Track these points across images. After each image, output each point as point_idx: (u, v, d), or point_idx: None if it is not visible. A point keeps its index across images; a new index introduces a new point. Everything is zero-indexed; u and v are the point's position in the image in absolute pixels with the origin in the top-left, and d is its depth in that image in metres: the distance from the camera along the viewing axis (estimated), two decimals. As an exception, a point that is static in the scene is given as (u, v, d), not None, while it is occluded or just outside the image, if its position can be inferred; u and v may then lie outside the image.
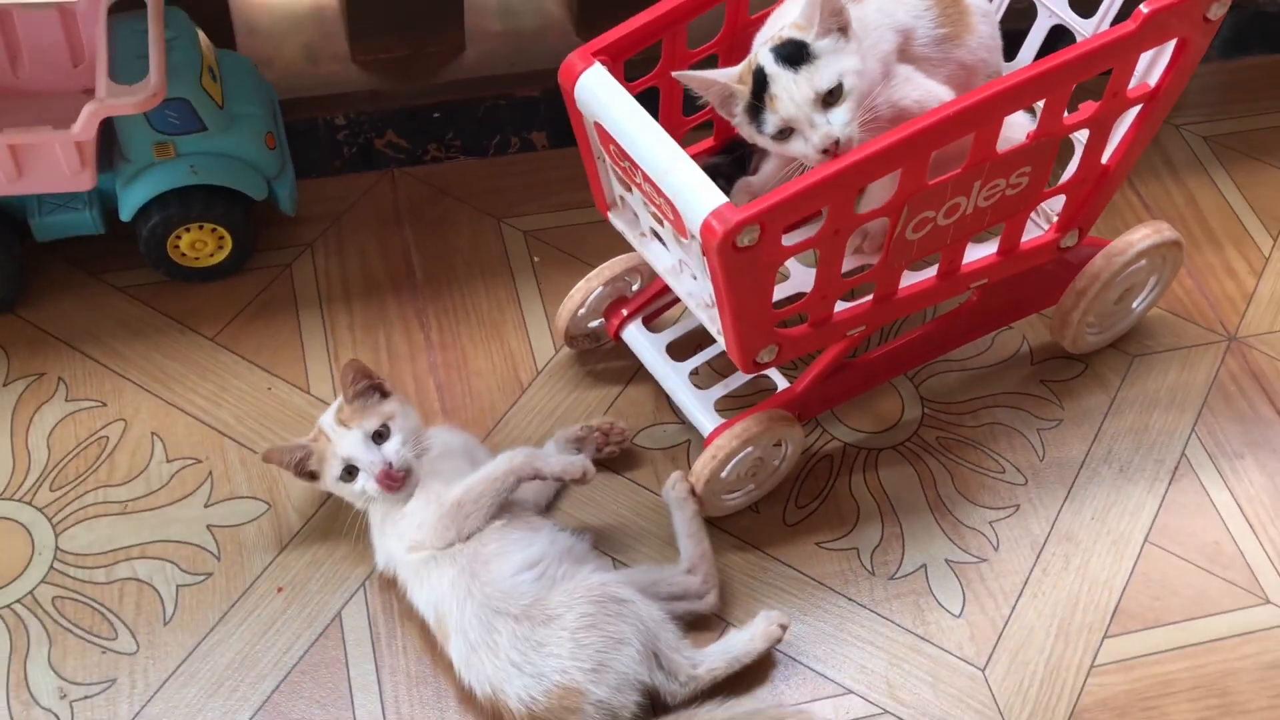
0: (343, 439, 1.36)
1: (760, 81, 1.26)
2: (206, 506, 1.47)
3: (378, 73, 1.87)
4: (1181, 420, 1.61)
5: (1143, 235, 1.55)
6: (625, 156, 1.26)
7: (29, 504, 1.46)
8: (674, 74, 1.32)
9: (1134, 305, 1.65)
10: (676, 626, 1.35)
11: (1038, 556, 1.49)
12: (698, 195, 1.19)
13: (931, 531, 1.50)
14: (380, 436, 1.36)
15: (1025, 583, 1.47)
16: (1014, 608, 1.45)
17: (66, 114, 1.48)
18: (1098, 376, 1.65)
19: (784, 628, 1.38)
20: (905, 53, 1.37)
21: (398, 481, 1.35)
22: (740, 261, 1.20)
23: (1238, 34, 2.06)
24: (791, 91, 1.25)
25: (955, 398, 1.62)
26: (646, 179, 1.24)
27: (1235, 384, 1.65)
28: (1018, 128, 1.37)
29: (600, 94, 1.27)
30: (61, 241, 1.61)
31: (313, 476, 1.39)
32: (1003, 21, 1.51)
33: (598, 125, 1.29)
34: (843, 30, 1.26)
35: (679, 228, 1.24)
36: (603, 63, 1.29)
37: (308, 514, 1.47)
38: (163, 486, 1.48)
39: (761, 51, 1.28)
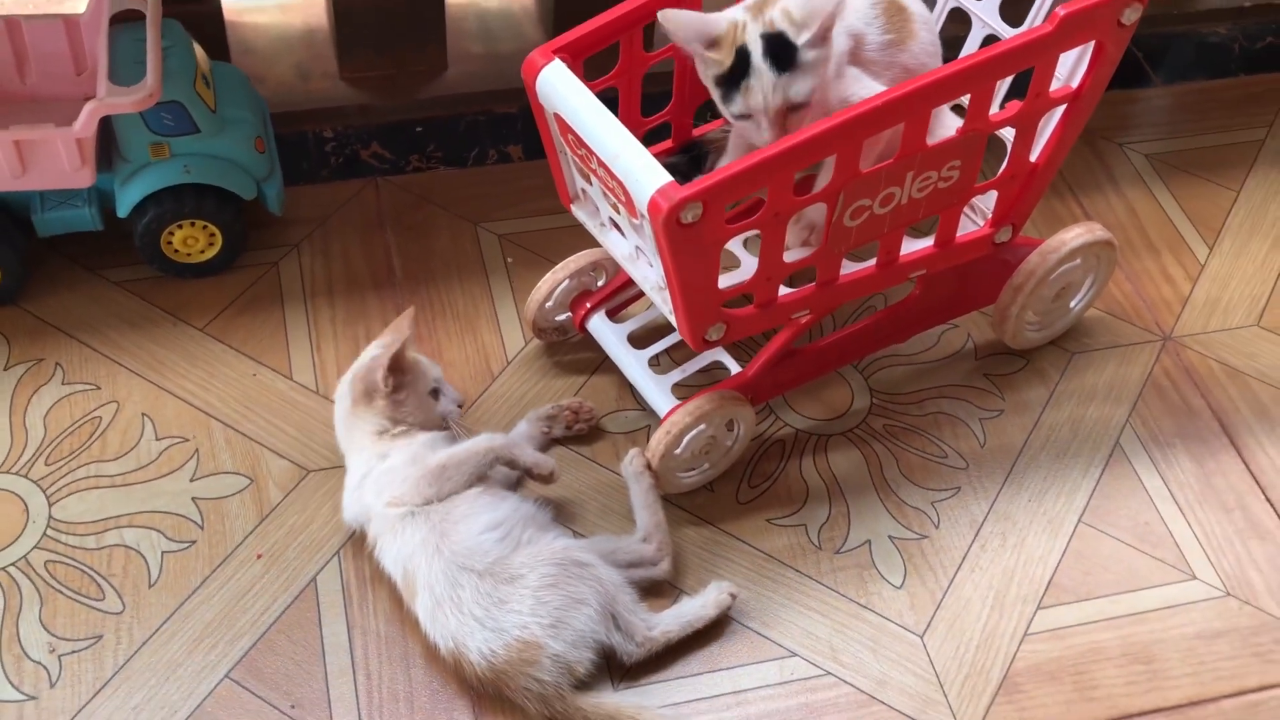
0: (433, 367, 1.52)
1: (742, 62, 1.35)
2: (192, 480, 1.56)
3: (365, 89, 1.99)
4: (1117, 412, 1.70)
5: (1076, 234, 1.64)
6: (582, 144, 1.37)
7: (24, 476, 1.55)
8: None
9: (1072, 304, 1.74)
10: (634, 591, 1.43)
11: (976, 534, 1.58)
12: (646, 175, 1.29)
13: (876, 510, 1.59)
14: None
15: (964, 558, 1.55)
16: (952, 580, 1.53)
17: (69, 118, 1.58)
18: (1038, 371, 1.74)
19: (733, 596, 1.47)
20: (854, 56, 1.47)
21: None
22: (685, 237, 1.30)
23: (1183, 61, 2.18)
24: (767, 92, 1.36)
25: (902, 389, 1.71)
26: (601, 164, 1.35)
27: (1169, 379, 1.74)
28: (951, 126, 1.48)
29: (559, 87, 1.37)
30: (61, 238, 1.72)
31: (399, 389, 1.47)
32: (945, 29, 1.62)
33: (557, 116, 1.39)
34: (825, 38, 1.37)
35: (630, 208, 1.34)
36: (562, 59, 1.39)
37: (287, 488, 1.56)
38: (151, 462, 1.58)
39: (751, 31, 1.36)
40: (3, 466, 1.56)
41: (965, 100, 1.39)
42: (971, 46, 1.62)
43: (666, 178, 1.28)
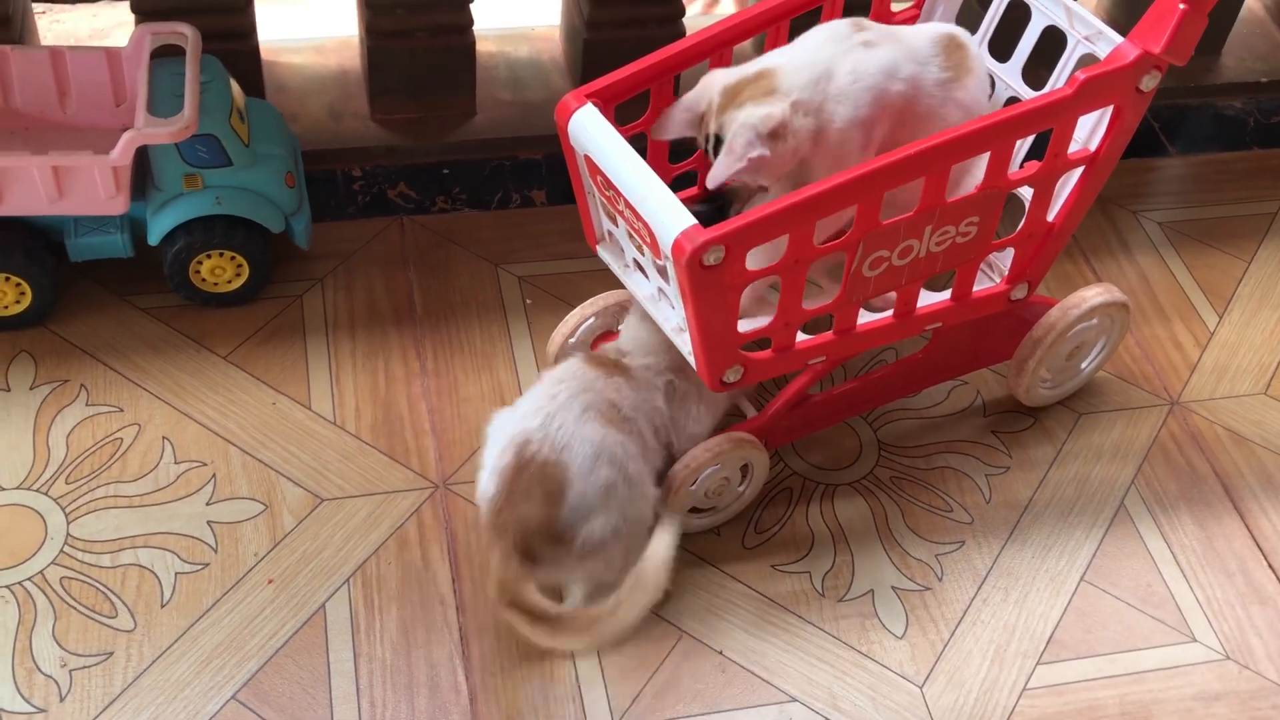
0: None
1: (711, 145, 1.45)
2: (208, 504, 1.59)
3: (394, 131, 2.03)
4: (1122, 473, 1.72)
5: (1096, 293, 1.67)
6: (610, 186, 1.41)
7: (45, 494, 1.58)
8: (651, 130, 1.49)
9: (1083, 365, 1.77)
10: None
11: (979, 588, 1.59)
12: (671, 218, 1.33)
13: (880, 560, 1.61)
14: None
15: (966, 611, 1.57)
16: (953, 633, 1.55)
17: (106, 147, 1.63)
18: (1046, 430, 1.76)
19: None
20: (911, 95, 1.49)
21: None
22: (706, 280, 1.33)
23: (1199, 133, 2.21)
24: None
25: (911, 442, 1.73)
26: (628, 205, 1.38)
27: (1175, 443, 1.76)
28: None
29: (590, 129, 1.42)
30: (92, 263, 1.76)
31: None
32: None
33: (587, 158, 1.43)
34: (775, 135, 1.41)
35: (655, 249, 1.37)
36: (595, 104, 1.44)
37: (301, 516, 1.59)
38: (169, 484, 1.61)
39: (711, 125, 1.44)
40: (24, 483, 1.59)
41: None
42: (994, 107, 1.65)
43: (690, 220, 1.32)
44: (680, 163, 1.61)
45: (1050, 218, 1.55)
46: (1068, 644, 1.55)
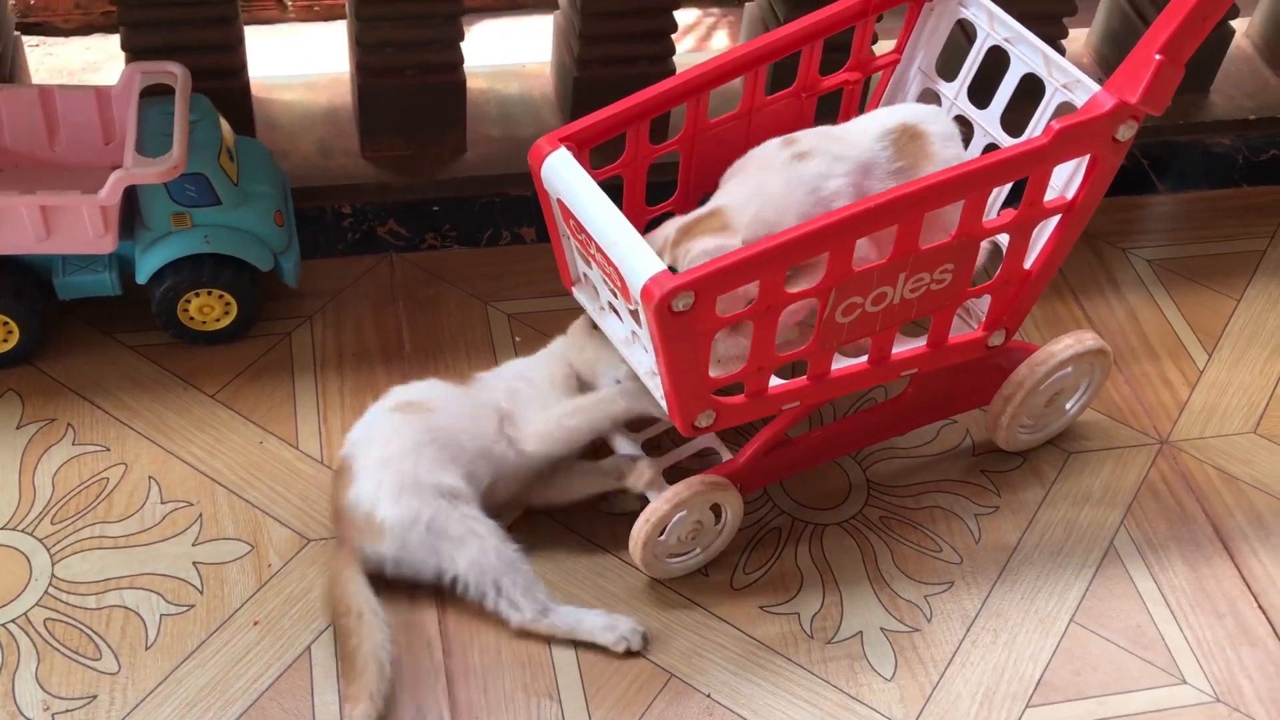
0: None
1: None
2: (194, 545, 1.58)
3: (384, 168, 2.04)
4: (1112, 514, 1.72)
5: (1065, 345, 1.66)
6: (582, 230, 1.41)
7: (30, 534, 1.58)
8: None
9: (1067, 406, 1.76)
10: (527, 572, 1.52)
11: (968, 630, 1.58)
12: (640, 263, 1.33)
13: (869, 602, 1.60)
14: None
15: (955, 653, 1.56)
16: (942, 675, 1.54)
17: (95, 186, 1.63)
18: (1035, 470, 1.76)
19: (644, 641, 1.52)
20: (863, 184, 1.51)
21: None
22: (677, 325, 1.33)
23: (1188, 170, 2.22)
24: None
25: (899, 481, 1.73)
26: (599, 249, 1.38)
27: (1165, 483, 1.76)
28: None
29: (563, 174, 1.42)
30: (79, 301, 1.76)
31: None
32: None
33: (560, 202, 1.43)
34: None
35: (625, 294, 1.37)
36: (569, 148, 1.44)
37: (287, 556, 1.58)
38: (155, 525, 1.60)
39: (665, 257, 1.45)
40: (9, 523, 1.59)
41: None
42: (973, 153, 1.65)
43: (660, 266, 1.32)
44: (658, 204, 1.61)
45: (1027, 265, 1.55)
46: (1057, 686, 1.54)
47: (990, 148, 1.62)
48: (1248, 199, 2.18)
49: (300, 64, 2.21)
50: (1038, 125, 1.57)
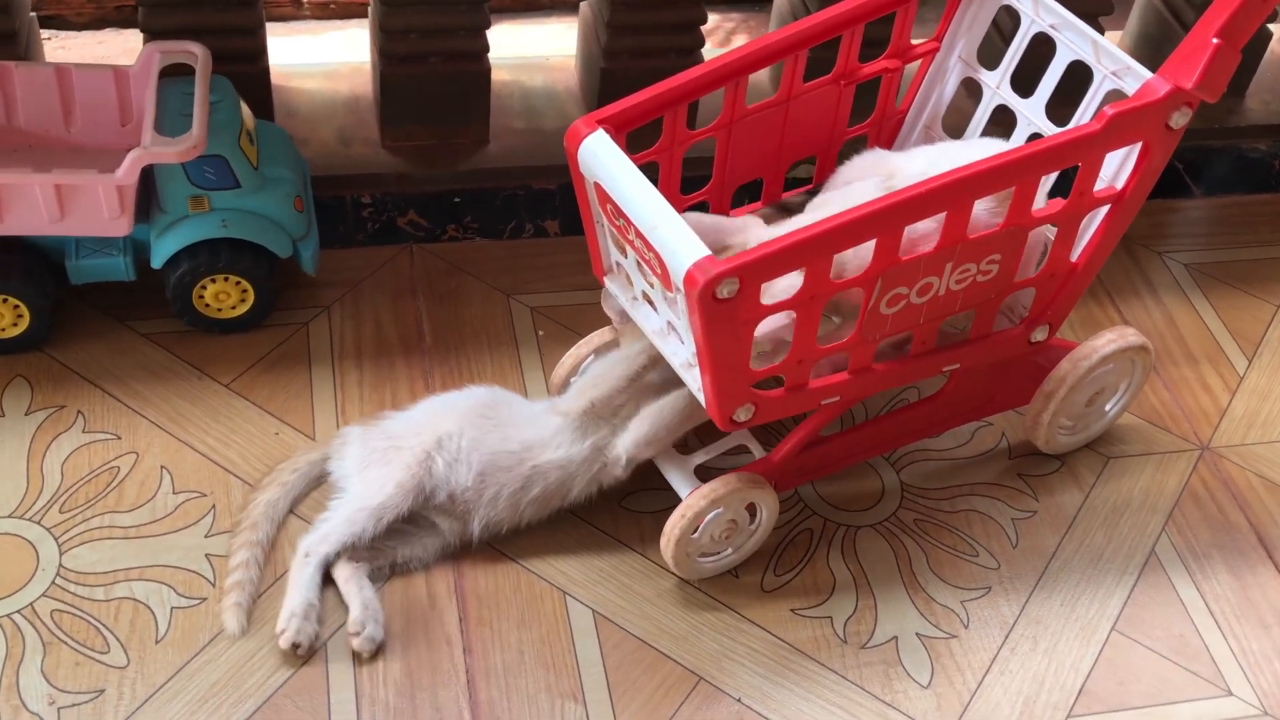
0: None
1: None
2: (207, 537, 1.53)
3: (405, 158, 1.99)
4: (1153, 520, 1.66)
5: (1107, 340, 1.62)
6: (620, 214, 1.36)
7: (37, 523, 1.52)
8: None
9: (1107, 408, 1.71)
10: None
11: (1006, 636, 1.53)
12: (683, 248, 1.28)
13: (904, 606, 1.55)
14: None
15: (993, 660, 1.51)
16: (980, 683, 1.49)
17: (111, 167, 1.58)
18: (1073, 474, 1.71)
19: (372, 645, 1.44)
20: None
21: None
22: (720, 313, 1.28)
23: (1223, 174, 2.17)
24: None
25: (934, 484, 1.68)
26: (638, 234, 1.34)
27: (1206, 490, 1.70)
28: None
29: (601, 156, 1.37)
30: (92, 286, 1.71)
31: None
32: (990, 125, 1.62)
33: (597, 186, 1.38)
34: None
35: (666, 281, 1.32)
36: (606, 130, 1.39)
37: (303, 550, 1.53)
38: (167, 515, 1.55)
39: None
40: (16, 512, 1.53)
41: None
42: (1016, 142, 1.60)
43: (704, 251, 1.27)
44: (692, 194, 1.56)
45: (1073, 257, 1.50)
46: (1099, 696, 1.48)
47: (1035, 138, 1.58)
48: (1283, 205, 2.14)
49: (320, 57, 2.16)
50: (1085, 113, 1.52)
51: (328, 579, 1.47)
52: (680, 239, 1.28)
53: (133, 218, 1.62)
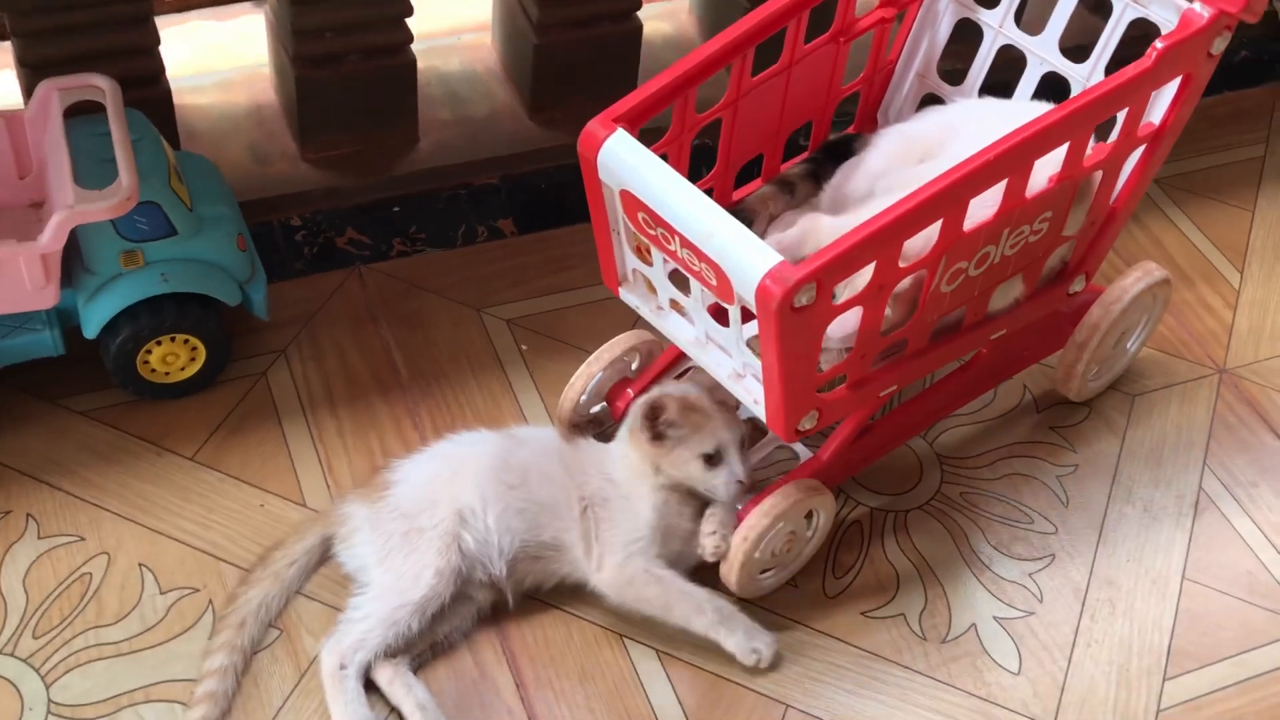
0: (727, 430, 1.33)
1: None
2: (210, 639, 1.35)
3: (330, 170, 1.79)
4: (1191, 456, 1.61)
5: (1135, 279, 1.55)
6: (659, 223, 1.21)
7: (11, 655, 1.32)
8: None
9: (1129, 345, 1.65)
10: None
11: (1083, 604, 1.46)
12: (750, 257, 1.14)
13: (973, 589, 1.46)
14: (743, 445, 1.36)
15: (1076, 632, 1.43)
16: (1070, 659, 1.41)
17: (14, 229, 1.37)
18: (1104, 419, 1.64)
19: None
20: None
21: (739, 499, 1.35)
22: (797, 322, 1.15)
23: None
24: None
25: (970, 451, 1.59)
26: (686, 244, 1.19)
27: (1234, 415, 1.66)
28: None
29: (628, 159, 1.22)
30: (11, 367, 1.48)
31: (659, 438, 1.32)
32: (992, 69, 1.52)
33: (624, 193, 1.23)
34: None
35: (724, 292, 1.19)
36: (625, 130, 1.24)
37: (322, 634, 1.35)
38: (160, 621, 1.36)
39: None
40: (-17, 646, 1.33)
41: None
42: (1027, 86, 1.51)
43: (776, 257, 1.14)
44: (695, 182, 1.42)
45: (1111, 201, 1.42)
46: (1190, 652, 1.42)
47: (1049, 76, 1.48)
48: (1232, 104, 2.09)
49: (187, 61, 1.91)
50: (1108, 45, 1.43)
51: (367, 683, 1.30)
52: (744, 246, 1.15)
53: (59, 286, 1.40)
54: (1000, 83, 1.53)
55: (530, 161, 1.84)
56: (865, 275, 1.20)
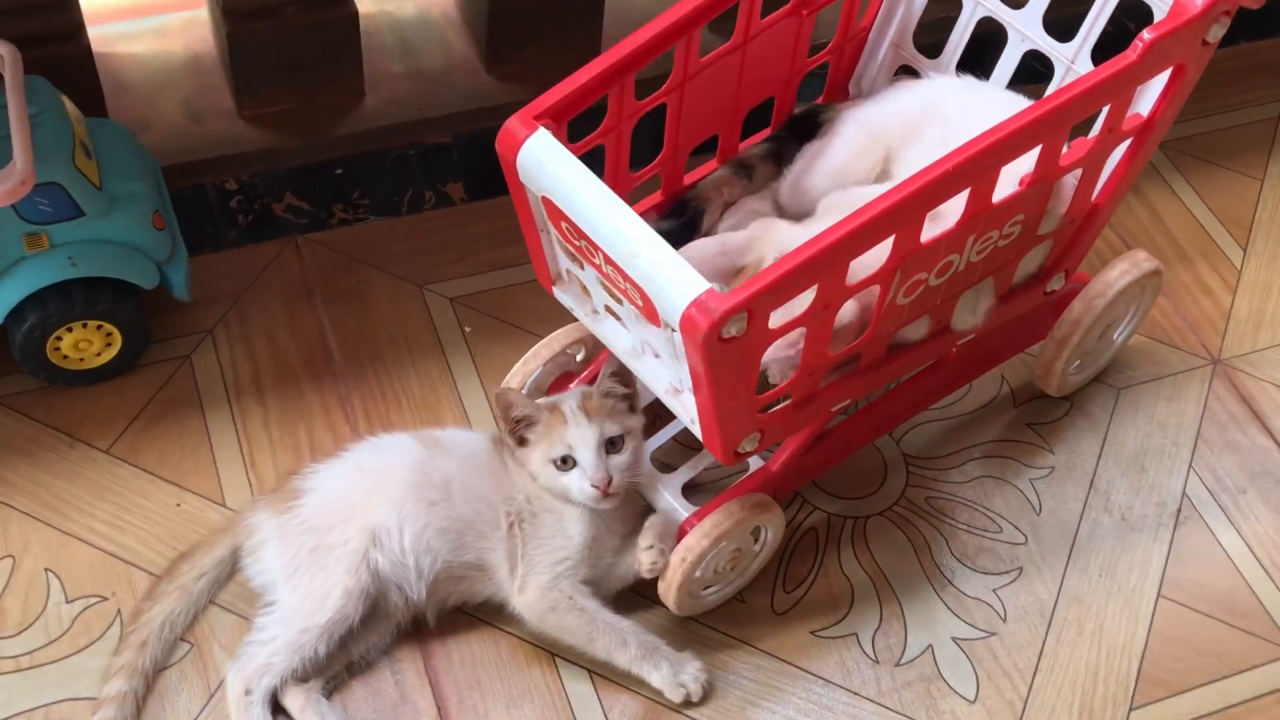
0: (579, 428, 1.22)
1: None
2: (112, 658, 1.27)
3: (269, 128, 1.68)
4: (1177, 457, 1.51)
5: (1120, 272, 1.43)
6: (581, 235, 1.10)
7: (-95, 670, 1.25)
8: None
9: (1115, 337, 1.54)
10: None
11: (1049, 625, 1.37)
12: (674, 282, 1.04)
13: (934, 607, 1.37)
14: (613, 446, 1.24)
15: (1040, 656, 1.35)
16: (1031, 686, 1.33)
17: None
18: (1085, 414, 1.53)
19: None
20: None
21: (610, 498, 1.23)
22: (727, 353, 1.05)
23: (1176, 29, 1.97)
24: None
25: (939, 451, 1.49)
26: (609, 260, 1.09)
27: (1226, 411, 1.55)
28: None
29: (548, 165, 1.10)
30: (-82, 353, 1.40)
31: (523, 442, 1.25)
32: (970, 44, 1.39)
33: (546, 200, 1.12)
34: None
35: (650, 315, 1.08)
36: (546, 127, 1.12)
37: (236, 650, 1.28)
38: (64, 633, 1.29)
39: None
40: (-125, 659, 1.26)
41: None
42: (1008, 64, 1.38)
43: (702, 285, 1.03)
44: (641, 169, 1.31)
45: (1094, 198, 1.30)
46: (1159, 679, 1.34)
47: (1030, 54, 1.35)
48: (1249, 56, 1.95)
49: (120, 4, 1.78)
50: (1094, 27, 1.30)
51: (277, 708, 1.22)
52: (669, 270, 1.04)
53: (-45, 274, 1.31)
54: (980, 57, 1.41)
55: (485, 119, 1.72)
56: (808, 296, 1.09)
